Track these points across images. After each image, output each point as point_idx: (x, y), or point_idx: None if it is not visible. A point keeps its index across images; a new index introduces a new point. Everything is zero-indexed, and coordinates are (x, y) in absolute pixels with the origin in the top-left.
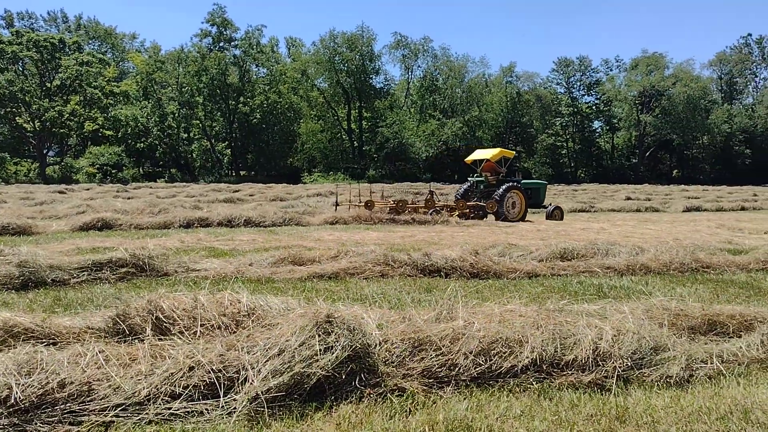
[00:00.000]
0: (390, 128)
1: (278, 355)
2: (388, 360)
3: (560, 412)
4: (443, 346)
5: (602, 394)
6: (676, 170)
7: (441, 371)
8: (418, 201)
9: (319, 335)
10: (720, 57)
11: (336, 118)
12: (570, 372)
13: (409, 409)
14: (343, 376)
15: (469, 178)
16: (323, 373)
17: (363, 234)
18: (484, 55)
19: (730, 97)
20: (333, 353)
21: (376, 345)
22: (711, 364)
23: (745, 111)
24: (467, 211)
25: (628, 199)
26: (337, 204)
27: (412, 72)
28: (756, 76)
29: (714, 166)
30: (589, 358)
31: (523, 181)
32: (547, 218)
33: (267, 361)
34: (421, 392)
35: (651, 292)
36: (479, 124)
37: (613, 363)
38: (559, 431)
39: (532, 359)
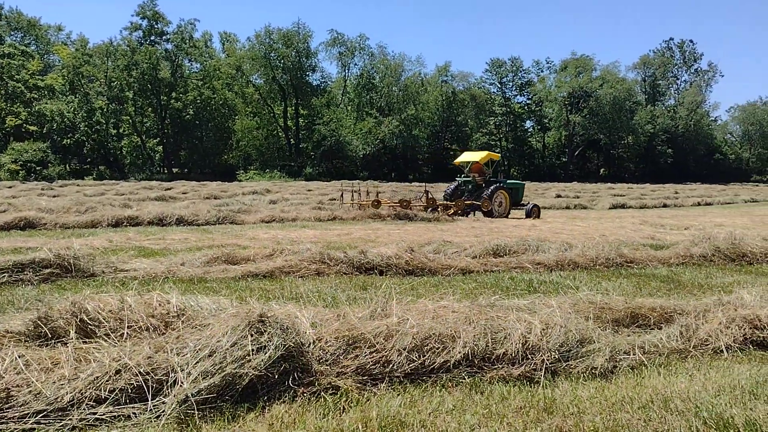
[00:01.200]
0: (327, 126)
1: (209, 356)
2: (322, 358)
3: (491, 405)
4: (377, 344)
5: (531, 387)
6: (603, 169)
7: (375, 368)
8: (412, 200)
9: (252, 335)
10: (644, 60)
11: (272, 115)
12: (501, 366)
13: (343, 407)
14: (276, 376)
15: (456, 178)
16: (256, 373)
17: (299, 232)
18: (420, 54)
19: (653, 99)
20: (266, 353)
21: (310, 344)
22: (633, 355)
23: (667, 112)
24: (463, 208)
25: (558, 196)
26: (342, 201)
27: (349, 70)
28: (677, 79)
29: (638, 164)
30: (518, 351)
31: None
32: (526, 216)
33: (197, 362)
34: (355, 390)
35: (578, 286)
36: (416, 122)
37: (541, 356)
38: (489, 424)
39: (464, 354)
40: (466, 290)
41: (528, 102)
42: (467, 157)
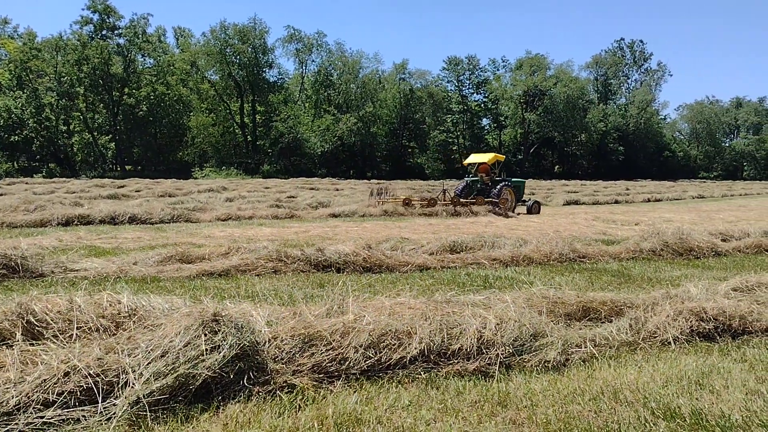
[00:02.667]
0: (284, 123)
1: (161, 356)
2: (277, 357)
3: (446, 400)
4: (334, 341)
5: (486, 381)
6: (557, 166)
7: (331, 366)
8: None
9: (206, 334)
10: (596, 59)
11: (228, 111)
12: (456, 361)
13: (299, 405)
14: (231, 376)
15: (465, 178)
16: (210, 373)
17: (256, 230)
18: (377, 51)
19: (605, 98)
20: (220, 352)
21: (265, 342)
22: (585, 348)
23: (618, 111)
24: (482, 205)
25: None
26: (379, 199)
27: (306, 66)
28: (628, 78)
29: (591, 162)
30: (473, 346)
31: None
32: (527, 212)
33: (149, 363)
34: (311, 388)
35: (532, 281)
36: (374, 119)
37: (496, 350)
38: (445, 419)
39: (420, 350)
40: (423, 286)
41: (484, 100)
42: (475, 158)
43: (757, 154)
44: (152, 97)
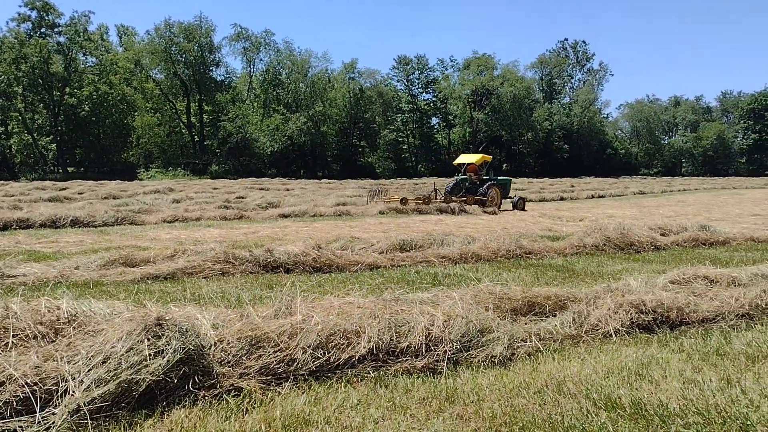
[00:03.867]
0: (233, 122)
1: (103, 362)
2: (224, 360)
3: (395, 398)
4: (281, 342)
5: (434, 377)
6: (505, 164)
7: (279, 367)
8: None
9: (149, 339)
10: (541, 59)
11: (174, 111)
12: (405, 358)
13: (246, 408)
14: (176, 380)
15: (455, 177)
16: (154, 378)
17: (204, 232)
18: (326, 50)
19: (550, 97)
20: (164, 357)
21: (211, 346)
22: (530, 342)
23: (563, 110)
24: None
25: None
26: (377, 199)
27: (254, 65)
28: (572, 78)
29: (537, 160)
30: (422, 344)
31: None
32: (513, 208)
33: (90, 369)
34: (258, 390)
35: (480, 278)
36: (324, 119)
37: (444, 347)
38: (393, 417)
39: (369, 349)
40: (373, 285)
41: (434, 99)
42: (464, 158)
43: (695, 151)
44: (95, 96)
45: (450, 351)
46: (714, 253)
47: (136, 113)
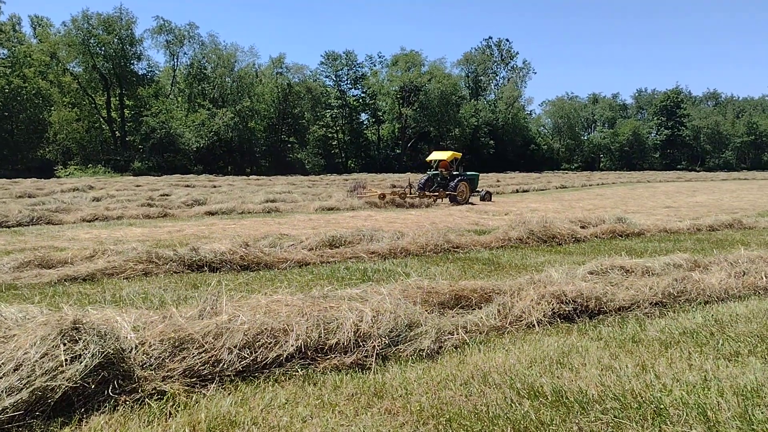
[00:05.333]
0: (156, 117)
1: (15, 370)
2: (145, 363)
3: (323, 395)
4: (206, 343)
5: (363, 373)
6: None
7: (204, 369)
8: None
9: (65, 344)
10: (467, 57)
11: (94, 106)
12: (334, 355)
13: (170, 412)
14: (94, 386)
15: (428, 172)
16: (70, 384)
17: (126, 231)
18: (253, 44)
19: (476, 94)
20: (81, 362)
21: (131, 349)
22: (457, 334)
23: (488, 106)
24: (443, 196)
25: (393, 186)
26: (358, 193)
27: (178, 59)
28: (497, 75)
29: (465, 155)
30: (351, 340)
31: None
32: (480, 200)
33: (0, 378)
34: (182, 393)
35: (409, 273)
36: (251, 114)
37: (372, 342)
38: (321, 414)
39: (297, 347)
40: (302, 283)
41: (363, 95)
42: (436, 156)
43: (612, 146)
44: (7, 90)
45: (379, 346)
46: (630, 244)
47: (52, 108)
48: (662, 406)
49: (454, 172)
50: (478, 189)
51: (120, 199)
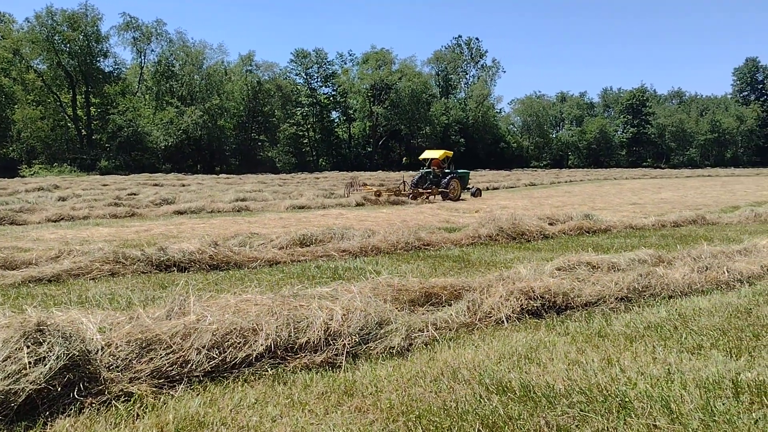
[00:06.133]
0: (123, 116)
1: None
2: (112, 365)
3: (293, 394)
4: (174, 344)
5: (333, 372)
6: (405, 158)
7: (172, 370)
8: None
9: (29, 346)
10: (437, 55)
11: (59, 103)
12: (304, 354)
13: (137, 413)
14: (60, 388)
15: (421, 170)
16: (35, 387)
17: (92, 231)
18: (222, 42)
19: (446, 92)
20: (45, 365)
21: (98, 350)
22: (427, 331)
23: (459, 104)
24: (435, 193)
25: (364, 185)
26: (353, 189)
27: (145, 56)
28: (467, 74)
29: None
30: (321, 338)
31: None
32: (471, 196)
33: None
34: (150, 394)
35: (379, 270)
36: (221, 112)
37: (342, 341)
38: (291, 413)
39: (267, 346)
40: (272, 282)
41: (333, 93)
42: (429, 154)
43: (580, 144)
44: None
45: (349, 344)
46: (597, 241)
47: (16, 106)
48: (627, 399)
49: (446, 170)
50: (468, 186)
51: (86, 198)
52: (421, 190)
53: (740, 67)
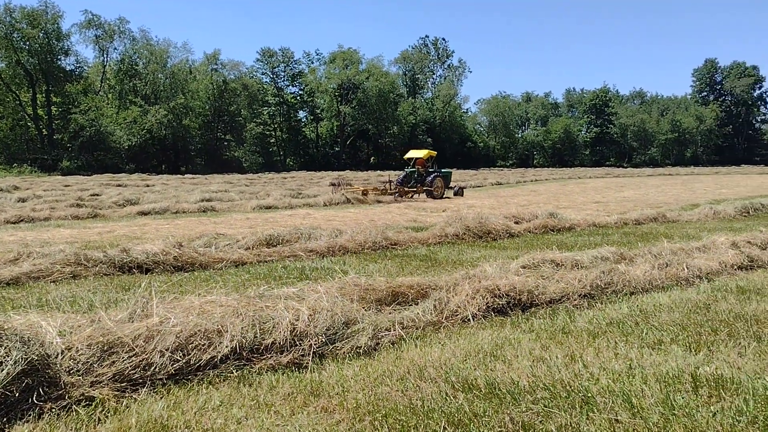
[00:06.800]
0: (85, 115)
1: None
2: (73, 369)
3: (259, 396)
4: (137, 347)
5: (300, 372)
6: (372, 157)
7: (135, 373)
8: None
9: None
10: (404, 55)
11: (18, 102)
12: (270, 355)
13: (99, 418)
14: (18, 394)
15: (406, 169)
16: None
17: (53, 232)
18: (186, 40)
19: (413, 92)
20: (3, 370)
21: (58, 354)
22: (394, 331)
23: (426, 104)
24: (420, 191)
25: (332, 185)
26: (339, 189)
27: (108, 55)
28: (434, 74)
29: (403, 153)
30: (287, 339)
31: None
32: (454, 195)
33: None
34: (112, 398)
35: (347, 270)
36: (186, 111)
37: (309, 341)
38: (257, 415)
39: (232, 348)
40: (238, 282)
41: (300, 92)
42: (413, 154)
43: (545, 143)
44: None
45: (315, 345)
46: (561, 239)
47: None
48: (590, 395)
49: (430, 169)
50: (451, 185)
51: (47, 199)
52: (406, 189)
53: (699, 68)
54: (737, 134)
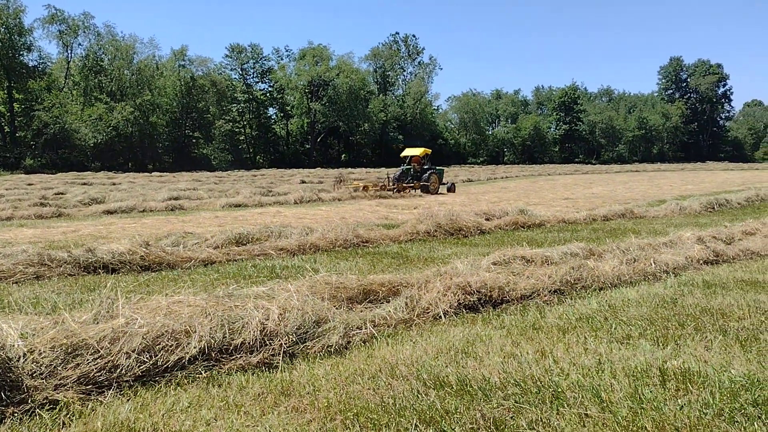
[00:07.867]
0: (49, 112)
1: None
2: (35, 372)
3: (229, 396)
4: (102, 348)
5: (270, 372)
6: (344, 154)
7: (101, 375)
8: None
9: None
10: (374, 52)
11: None
12: (239, 355)
13: (63, 421)
14: None
15: (402, 167)
16: None
17: (15, 232)
18: (153, 36)
19: (384, 89)
20: None
21: (19, 357)
22: (365, 329)
23: (396, 101)
24: (416, 188)
25: (303, 182)
26: (341, 185)
27: (72, 50)
28: (404, 71)
29: (375, 150)
30: (257, 339)
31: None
32: (447, 191)
33: None
34: (77, 401)
35: (318, 268)
36: (153, 108)
37: (279, 341)
38: (226, 416)
39: (200, 348)
40: (207, 282)
41: (270, 89)
42: (409, 152)
43: (515, 140)
44: None
45: (286, 344)
46: (531, 235)
47: None
48: (560, 390)
49: (425, 166)
50: (444, 181)
51: (10, 198)
52: (404, 185)
53: (665, 66)
54: (702, 131)
